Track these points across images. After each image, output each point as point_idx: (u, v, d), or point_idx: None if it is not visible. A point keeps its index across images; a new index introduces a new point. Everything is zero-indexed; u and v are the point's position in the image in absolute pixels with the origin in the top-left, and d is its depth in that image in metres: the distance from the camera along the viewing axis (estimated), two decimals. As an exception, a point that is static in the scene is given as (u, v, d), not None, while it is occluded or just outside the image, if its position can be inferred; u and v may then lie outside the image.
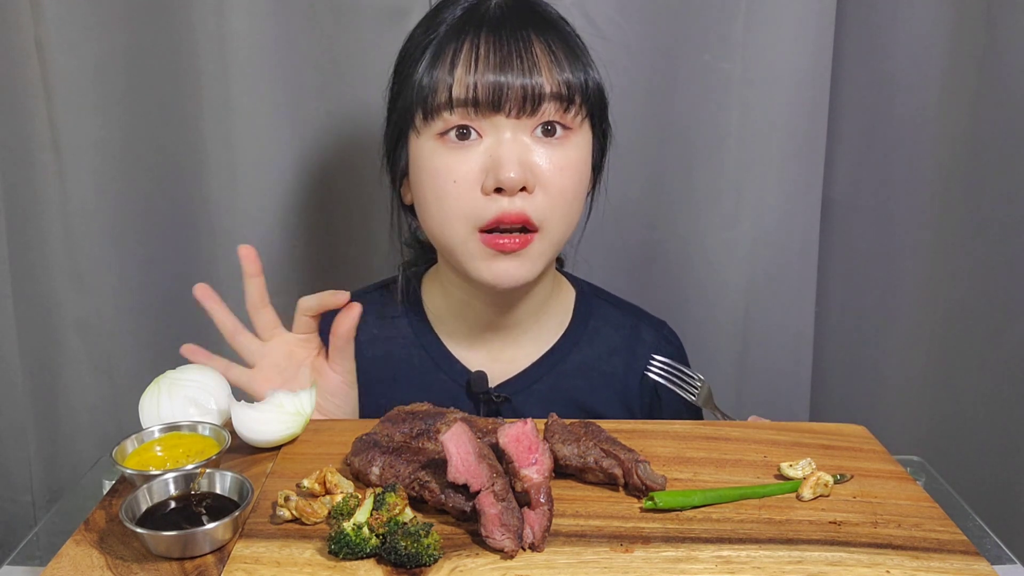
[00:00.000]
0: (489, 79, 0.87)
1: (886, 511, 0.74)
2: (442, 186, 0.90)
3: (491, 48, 0.88)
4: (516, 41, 0.89)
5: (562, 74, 0.89)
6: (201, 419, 0.82)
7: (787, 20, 1.21)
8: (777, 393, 1.36)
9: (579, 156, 0.93)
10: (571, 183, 0.92)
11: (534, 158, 0.89)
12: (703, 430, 0.88)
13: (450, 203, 0.90)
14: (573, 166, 0.92)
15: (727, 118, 1.26)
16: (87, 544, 0.68)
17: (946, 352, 1.35)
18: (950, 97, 1.26)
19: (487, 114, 0.88)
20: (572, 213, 0.94)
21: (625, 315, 1.10)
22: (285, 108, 1.25)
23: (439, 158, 0.90)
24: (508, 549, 0.66)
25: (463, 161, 0.89)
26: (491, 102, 0.87)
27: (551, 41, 0.90)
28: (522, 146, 0.89)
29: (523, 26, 0.90)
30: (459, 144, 0.90)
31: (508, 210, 0.89)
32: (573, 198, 0.93)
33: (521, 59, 0.88)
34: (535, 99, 0.88)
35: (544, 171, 0.90)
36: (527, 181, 0.88)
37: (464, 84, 0.88)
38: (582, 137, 0.93)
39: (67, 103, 1.23)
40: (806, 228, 1.30)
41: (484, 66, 0.87)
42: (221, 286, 1.33)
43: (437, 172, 0.91)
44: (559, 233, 0.93)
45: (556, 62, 0.90)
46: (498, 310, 1.01)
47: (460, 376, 1.03)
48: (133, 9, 1.21)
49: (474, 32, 0.89)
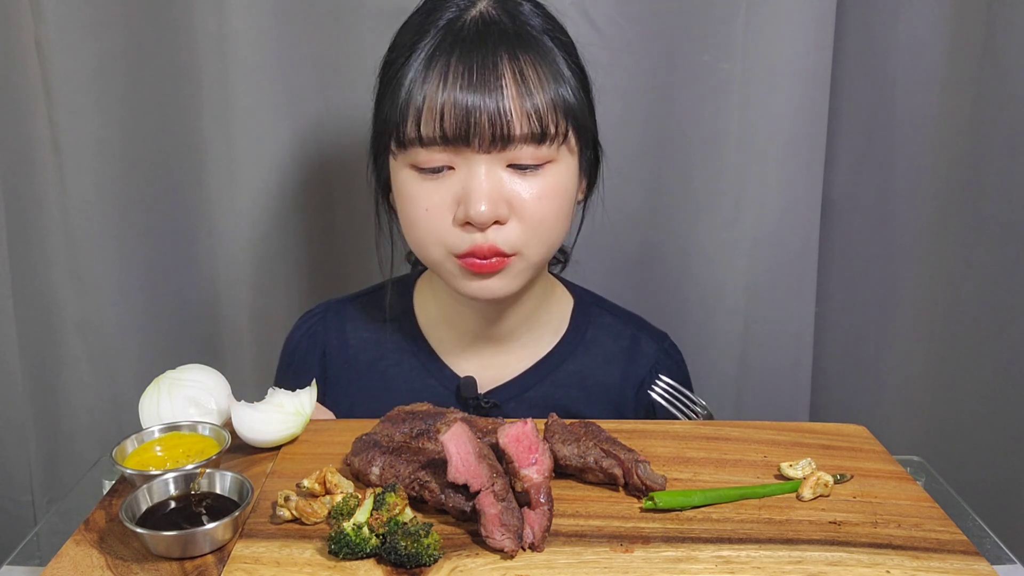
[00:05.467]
0: (457, 109, 0.84)
1: (886, 511, 0.74)
2: (415, 212, 0.90)
3: (461, 75, 0.85)
4: (485, 69, 0.85)
5: (531, 100, 0.86)
6: (201, 419, 0.82)
7: (787, 20, 1.21)
8: (777, 393, 1.35)
9: (559, 181, 0.90)
10: (550, 210, 0.90)
11: (508, 189, 0.88)
12: (703, 430, 0.88)
13: (423, 229, 0.90)
14: (552, 193, 0.89)
15: (727, 118, 1.26)
16: (87, 544, 0.68)
17: (946, 352, 1.35)
18: (950, 97, 1.26)
19: (459, 148, 0.87)
20: (553, 235, 0.92)
21: (625, 325, 1.09)
22: (285, 108, 1.25)
23: (413, 185, 0.90)
24: (508, 549, 0.66)
25: (435, 191, 0.88)
26: (460, 136, 0.85)
27: (524, 63, 0.87)
28: (495, 180, 0.87)
29: (496, 48, 0.86)
30: (432, 176, 0.89)
31: (480, 244, 0.88)
32: (554, 223, 0.91)
33: (489, 88, 0.85)
34: (504, 137, 0.85)
35: (520, 202, 0.88)
36: (499, 215, 0.87)
37: (433, 116, 0.85)
38: (562, 163, 0.90)
39: (67, 103, 1.23)
40: (806, 228, 1.30)
41: (452, 94, 0.85)
42: (221, 286, 1.34)
43: (410, 199, 0.90)
44: (540, 254, 0.92)
45: (526, 88, 0.86)
46: (486, 320, 1.01)
47: (450, 382, 1.02)
48: (133, 9, 1.22)
49: (447, 54, 0.86)
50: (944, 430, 1.37)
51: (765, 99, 1.24)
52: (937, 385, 1.37)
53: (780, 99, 1.24)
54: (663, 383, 0.99)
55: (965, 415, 1.36)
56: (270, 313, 1.32)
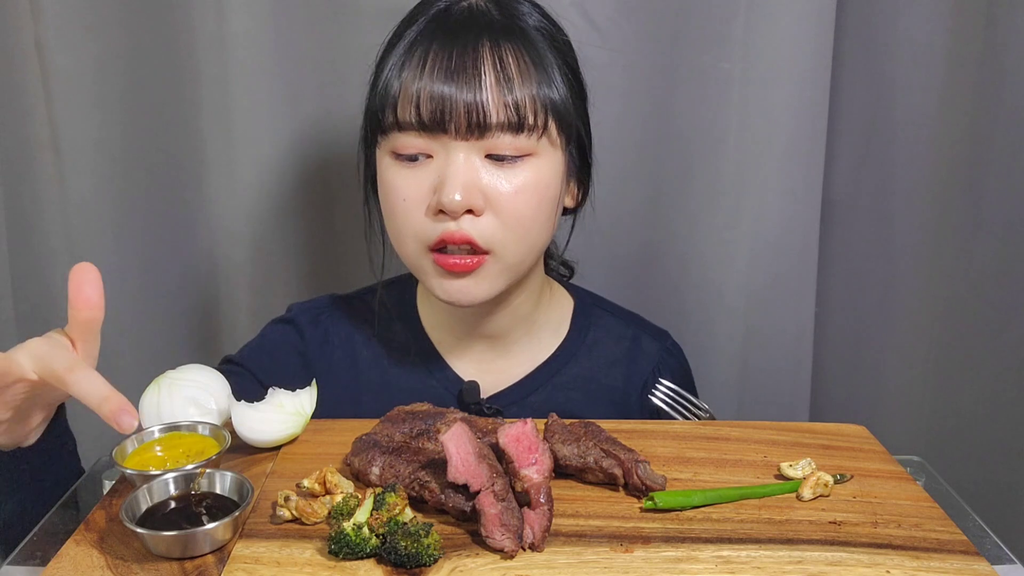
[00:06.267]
0: (433, 94, 0.84)
1: (886, 511, 0.74)
2: (393, 203, 0.90)
3: (439, 60, 0.85)
4: (464, 55, 0.85)
5: (511, 94, 0.85)
6: (201, 419, 0.82)
7: (787, 20, 1.21)
8: (777, 393, 1.35)
9: (538, 177, 0.89)
10: (527, 206, 0.88)
11: (485, 180, 0.87)
12: (703, 430, 0.88)
13: (400, 221, 0.90)
14: (530, 189, 0.88)
15: (727, 118, 1.25)
16: (87, 544, 0.68)
17: (946, 352, 1.35)
18: (950, 97, 1.26)
19: (435, 134, 0.86)
20: (532, 235, 0.91)
21: (626, 326, 1.09)
22: (284, 108, 1.25)
23: (392, 174, 0.90)
24: (508, 549, 0.66)
25: (413, 179, 0.88)
26: (436, 121, 0.85)
27: (508, 54, 0.86)
28: (472, 168, 0.86)
29: (479, 36, 0.86)
30: (410, 164, 0.89)
31: (452, 232, 0.87)
32: (531, 221, 0.90)
33: (466, 75, 0.85)
34: (480, 124, 0.85)
35: (496, 194, 0.87)
36: (473, 204, 0.86)
37: (410, 101, 0.85)
38: (543, 158, 0.89)
39: (67, 103, 1.23)
40: (806, 228, 1.30)
41: (429, 79, 0.85)
42: (221, 286, 1.34)
43: (390, 189, 0.90)
44: (516, 255, 0.91)
45: (506, 81, 0.85)
46: (477, 320, 1.00)
47: (453, 385, 1.02)
48: (133, 9, 1.22)
49: (428, 41, 0.87)
50: (944, 430, 1.37)
51: (765, 99, 1.24)
52: (937, 385, 1.37)
53: (780, 99, 1.24)
54: (664, 387, 0.99)
55: (965, 415, 1.36)
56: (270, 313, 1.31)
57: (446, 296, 0.91)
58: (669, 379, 1.01)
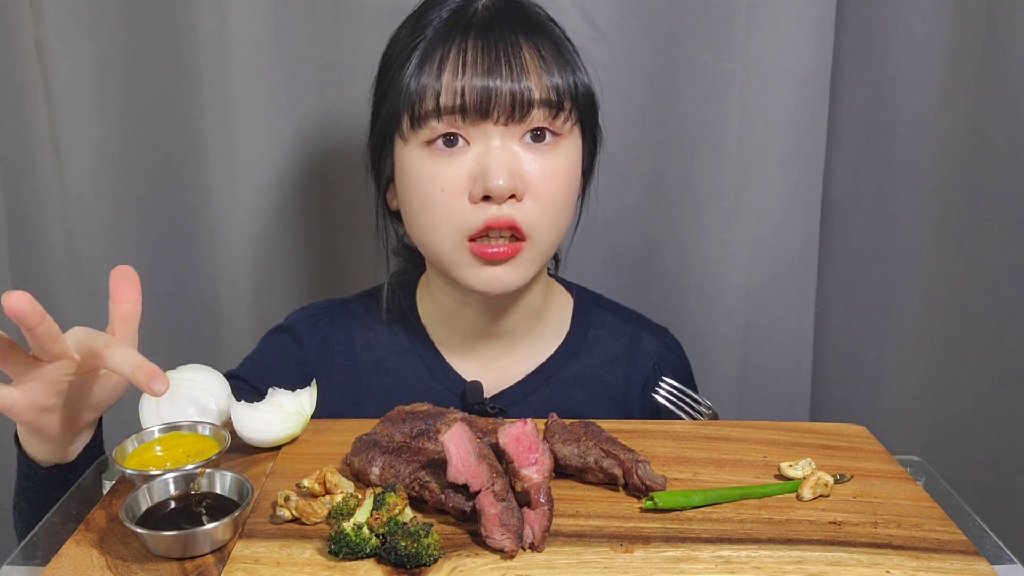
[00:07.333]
0: (477, 85, 0.86)
1: (886, 511, 0.74)
2: (429, 194, 0.89)
3: (479, 53, 0.87)
4: (504, 46, 0.87)
5: (551, 79, 0.88)
6: (201, 419, 0.82)
7: (787, 20, 1.21)
8: (777, 393, 1.36)
9: (568, 162, 0.92)
10: (560, 190, 0.91)
11: (523, 165, 0.88)
12: (703, 430, 0.88)
13: (437, 211, 0.90)
14: (563, 173, 0.91)
15: (727, 118, 1.26)
16: (87, 544, 0.68)
17: (946, 352, 1.35)
18: (950, 97, 1.26)
19: (475, 121, 0.87)
20: (562, 220, 0.93)
21: (626, 323, 1.09)
22: (285, 108, 1.25)
23: (426, 166, 0.89)
24: (508, 549, 0.66)
25: (451, 169, 0.88)
26: (479, 109, 0.86)
27: (540, 45, 0.89)
28: (511, 153, 0.88)
29: (511, 30, 0.88)
30: (447, 152, 0.89)
31: (497, 217, 0.88)
32: (563, 205, 0.92)
33: (510, 64, 0.86)
34: (524, 105, 0.87)
35: (533, 178, 0.89)
36: (516, 189, 0.87)
37: (452, 91, 0.86)
38: (571, 143, 0.92)
39: (67, 103, 1.23)
40: (806, 228, 1.30)
41: (472, 72, 0.86)
42: (221, 286, 1.34)
43: (424, 180, 0.90)
44: (548, 241, 0.93)
45: (545, 67, 0.88)
46: (489, 318, 1.00)
47: (455, 386, 1.02)
48: (133, 9, 1.22)
49: (461, 36, 0.88)
50: (944, 430, 1.37)
51: (765, 99, 1.24)
52: (937, 385, 1.37)
53: (780, 99, 1.24)
54: (667, 385, 0.99)
55: (965, 415, 1.36)
56: (270, 313, 1.31)
57: (482, 285, 0.91)
58: (670, 375, 1.01)
